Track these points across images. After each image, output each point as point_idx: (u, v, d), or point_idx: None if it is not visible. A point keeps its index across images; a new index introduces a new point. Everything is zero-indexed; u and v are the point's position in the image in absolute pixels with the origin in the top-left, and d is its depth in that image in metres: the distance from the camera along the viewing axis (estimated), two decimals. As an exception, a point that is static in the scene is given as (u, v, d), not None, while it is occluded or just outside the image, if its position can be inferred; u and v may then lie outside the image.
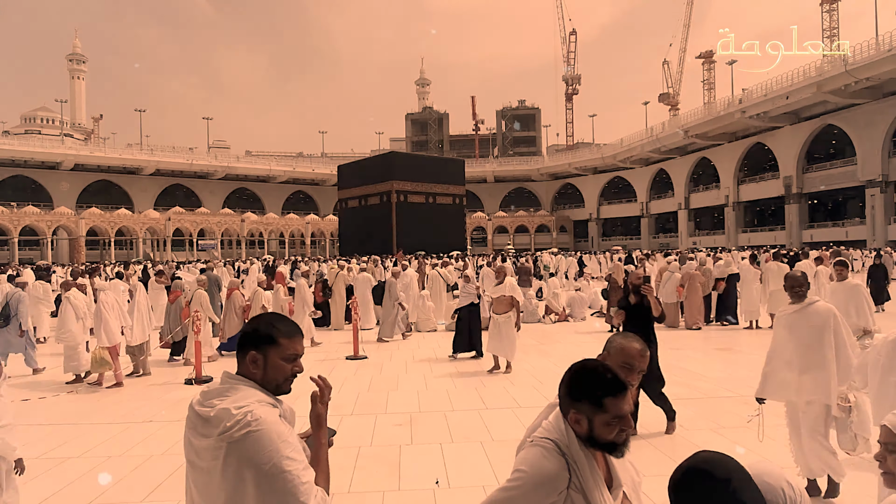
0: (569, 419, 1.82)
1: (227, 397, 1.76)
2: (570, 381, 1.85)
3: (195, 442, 1.76)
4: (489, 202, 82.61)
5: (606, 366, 1.83)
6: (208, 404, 1.77)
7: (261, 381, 1.84)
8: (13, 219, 54.43)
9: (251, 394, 1.78)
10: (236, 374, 1.87)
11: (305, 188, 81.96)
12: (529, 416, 6.73)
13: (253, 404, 1.73)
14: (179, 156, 72.06)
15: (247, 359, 1.86)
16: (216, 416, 1.71)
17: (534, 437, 1.86)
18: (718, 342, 11.93)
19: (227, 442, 1.66)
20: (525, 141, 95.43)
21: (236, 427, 1.67)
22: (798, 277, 4.57)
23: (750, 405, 7.04)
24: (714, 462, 1.57)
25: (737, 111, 51.45)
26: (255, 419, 1.68)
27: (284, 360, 1.87)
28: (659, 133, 63.74)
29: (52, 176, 64.79)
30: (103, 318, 8.62)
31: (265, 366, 1.85)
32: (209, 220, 65.19)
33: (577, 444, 1.78)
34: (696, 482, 1.54)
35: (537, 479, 1.74)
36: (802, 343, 4.37)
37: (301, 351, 1.92)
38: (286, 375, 1.88)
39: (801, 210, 52.28)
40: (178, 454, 5.67)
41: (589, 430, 1.77)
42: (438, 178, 46.57)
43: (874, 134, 43.66)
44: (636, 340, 2.39)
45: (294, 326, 1.94)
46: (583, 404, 1.78)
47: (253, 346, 1.87)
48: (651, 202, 71.34)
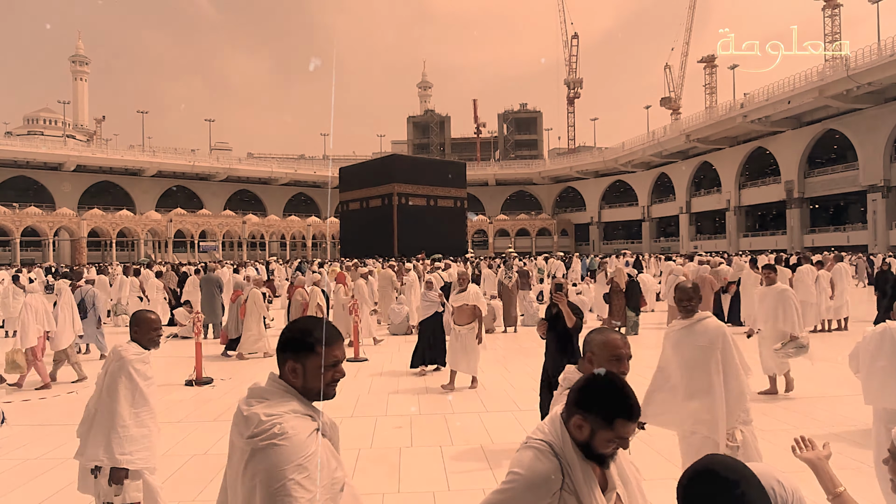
0: (571, 423, 1.79)
1: (265, 401, 1.74)
2: (587, 389, 1.79)
3: (233, 438, 1.77)
4: (490, 205, 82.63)
5: (628, 386, 1.77)
6: (248, 403, 1.77)
7: (301, 390, 1.81)
8: (15, 219, 54.49)
9: (288, 402, 1.75)
10: (279, 377, 1.84)
11: (307, 190, 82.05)
12: (529, 419, 6.74)
13: (286, 415, 1.70)
14: (181, 157, 72.20)
15: (286, 368, 1.83)
16: (248, 418, 1.71)
17: (528, 439, 1.85)
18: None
19: (251, 448, 1.65)
20: (526, 144, 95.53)
21: (261, 436, 1.65)
22: (687, 290, 4.01)
23: (755, 410, 7.04)
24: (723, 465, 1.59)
25: (738, 115, 51.47)
26: (282, 433, 1.65)
27: (324, 368, 1.82)
28: (660, 137, 63.77)
29: (55, 177, 64.90)
30: (23, 320, 8.61)
31: (304, 374, 1.81)
32: (211, 221, 65.25)
33: (572, 446, 1.77)
34: (705, 485, 1.56)
35: (531, 481, 1.73)
36: (687, 364, 3.87)
37: (342, 356, 1.87)
38: (327, 382, 1.84)
39: (802, 215, 52.25)
40: (177, 456, 5.68)
41: (588, 440, 1.75)
42: (440, 181, 46.64)
43: (876, 139, 43.65)
44: (612, 331, 2.42)
45: (333, 331, 1.87)
46: (593, 416, 1.73)
47: (291, 354, 1.83)
48: (652, 206, 71.33)
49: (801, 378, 7.85)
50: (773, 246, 50.49)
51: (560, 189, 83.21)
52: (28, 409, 7.56)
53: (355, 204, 48.29)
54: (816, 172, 51.59)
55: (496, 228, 75.57)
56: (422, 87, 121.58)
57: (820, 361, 8.47)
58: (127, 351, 3.60)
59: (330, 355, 1.83)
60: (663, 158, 65.88)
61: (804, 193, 51.73)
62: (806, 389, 7.72)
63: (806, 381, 7.90)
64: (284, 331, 1.90)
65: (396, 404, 7.59)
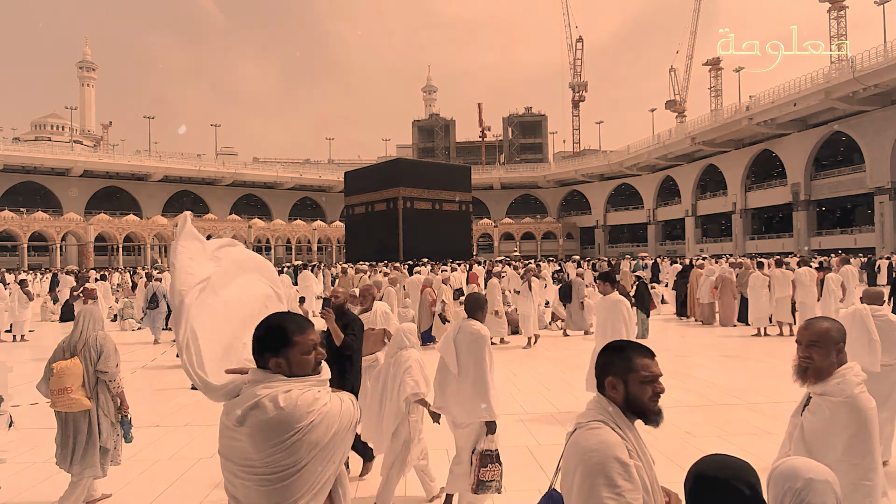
0: (607, 391, 1.91)
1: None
2: (603, 354, 1.98)
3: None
4: (495, 209, 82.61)
5: (631, 340, 2.00)
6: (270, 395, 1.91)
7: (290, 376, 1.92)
8: (23, 224, 54.81)
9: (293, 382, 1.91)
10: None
11: (312, 195, 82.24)
12: (536, 422, 6.72)
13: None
14: (187, 162, 72.47)
15: (270, 364, 1.91)
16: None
17: (579, 425, 1.89)
18: (726, 349, 11.86)
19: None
20: (531, 148, 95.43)
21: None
22: (478, 297, 4.58)
23: (757, 412, 7.02)
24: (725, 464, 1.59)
25: (744, 118, 51.32)
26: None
27: (305, 354, 1.93)
28: (666, 140, 63.64)
29: (62, 182, 65.29)
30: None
31: (289, 365, 1.91)
32: (216, 226, 65.45)
33: (620, 413, 1.87)
34: (710, 484, 1.57)
35: (615, 451, 1.75)
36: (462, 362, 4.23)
37: (317, 339, 1.98)
38: (312, 365, 1.95)
39: (809, 217, 52.02)
40: (184, 458, 5.69)
41: (625, 393, 1.87)
42: (445, 185, 46.60)
43: (883, 141, 43.44)
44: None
45: (303, 320, 1.99)
46: (616, 369, 1.89)
47: (271, 353, 1.92)
48: (658, 209, 71.18)
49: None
50: (779, 249, 50.26)
51: (565, 192, 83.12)
52: (36, 413, 7.58)
53: (360, 208, 48.31)
54: (823, 175, 51.37)
55: (501, 232, 75.50)
56: (427, 92, 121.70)
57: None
58: None
59: (307, 340, 1.94)
60: (669, 161, 65.75)
61: (811, 196, 51.51)
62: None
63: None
64: (256, 330, 1.97)
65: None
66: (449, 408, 4.33)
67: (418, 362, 4.56)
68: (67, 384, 4.35)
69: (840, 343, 2.42)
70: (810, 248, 49.21)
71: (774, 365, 10.07)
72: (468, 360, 4.21)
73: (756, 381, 8.83)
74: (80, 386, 4.42)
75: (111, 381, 4.58)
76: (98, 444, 4.44)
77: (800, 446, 2.33)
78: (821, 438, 2.26)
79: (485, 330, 4.31)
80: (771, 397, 7.75)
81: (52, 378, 4.38)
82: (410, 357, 4.56)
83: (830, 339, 2.42)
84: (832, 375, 2.36)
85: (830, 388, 2.31)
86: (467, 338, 4.24)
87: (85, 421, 4.44)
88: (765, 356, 11.27)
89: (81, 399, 4.39)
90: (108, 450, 4.53)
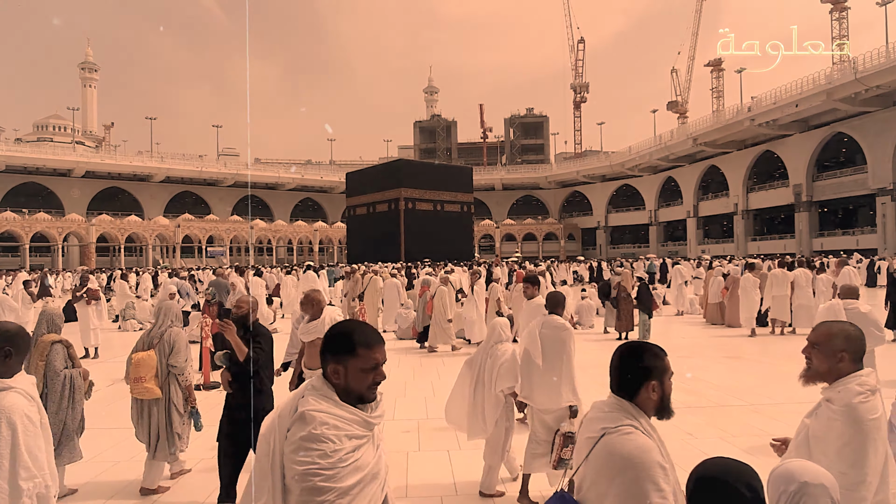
0: (642, 395, 1.97)
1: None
2: (636, 356, 2.04)
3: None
4: (497, 210, 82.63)
5: (648, 342, 2.11)
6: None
7: (343, 391, 1.83)
8: (25, 225, 54.93)
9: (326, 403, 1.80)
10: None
11: (314, 195, 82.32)
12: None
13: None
14: (189, 163, 72.60)
15: (328, 369, 1.86)
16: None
17: (607, 430, 1.91)
18: (727, 350, 11.86)
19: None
20: (533, 149, 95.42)
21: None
22: (558, 295, 4.93)
23: (759, 414, 7.01)
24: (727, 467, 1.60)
25: (746, 119, 51.29)
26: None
27: (364, 371, 1.84)
28: (667, 141, 63.60)
29: (64, 183, 65.42)
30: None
31: (346, 376, 1.83)
32: (218, 227, 65.55)
33: (644, 415, 1.96)
34: (711, 486, 1.58)
35: (655, 456, 1.82)
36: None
37: (382, 359, 1.88)
38: (368, 384, 1.85)
39: (811, 218, 51.98)
40: (186, 459, 5.68)
41: (662, 393, 1.99)
42: (446, 186, 46.66)
43: (885, 142, 43.40)
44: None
45: (374, 335, 1.90)
46: (655, 369, 1.99)
47: (332, 357, 1.86)
48: (659, 210, 71.15)
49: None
50: (781, 250, 50.20)
51: (567, 193, 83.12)
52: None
53: (362, 209, 48.37)
54: (825, 176, 51.33)
55: (503, 233, 75.51)
56: (428, 92, 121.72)
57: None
58: None
59: (370, 358, 1.84)
60: (670, 162, 65.71)
61: (812, 197, 51.47)
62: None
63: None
64: (326, 334, 1.93)
65: (404, 409, 7.58)
66: (534, 396, 4.62)
67: (515, 354, 4.81)
68: (142, 374, 4.76)
69: (845, 351, 2.32)
70: (812, 249, 49.18)
71: (777, 366, 10.06)
72: (553, 352, 4.56)
73: (758, 383, 8.81)
74: (154, 376, 4.82)
75: (180, 375, 4.98)
76: (168, 429, 4.87)
77: (802, 448, 2.31)
78: (818, 443, 2.25)
79: (568, 324, 4.73)
80: (773, 399, 7.74)
81: (130, 367, 4.82)
82: (508, 350, 4.82)
83: (832, 344, 2.34)
84: (838, 382, 2.31)
85: (833, 394, 2.29)
86: (552, 331, 4.63)
87: (157, 408, 4.87)
88: (765, 357, 11.27)
89: (153, 388, 4.79)
90: (180, 435, 4.95)
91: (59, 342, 4.81)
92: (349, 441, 1.74)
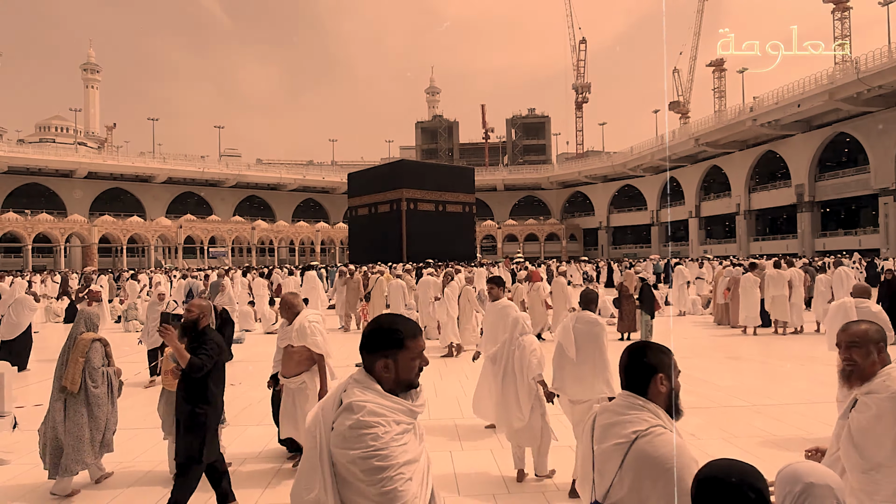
0: (651, 389, 2.04)
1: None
2: (643, 353, 2.12)
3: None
4: (499, 210, 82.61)
5: (652, 342, 2.19)
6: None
7: (392, 382, 1.90)
8: (27, 226, 55.02)
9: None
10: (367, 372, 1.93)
11: (315, 196, 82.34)
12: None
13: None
14: (191, 164, 72.68)
15: (377, 365, 1.90)
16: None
17: (638, 434, 1.95)
18: (732, 350, 11.84)
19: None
20: (535, 149, 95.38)
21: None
22: (591, 292, 5.29)
23: (762, 415, 6.99)
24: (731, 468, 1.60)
25: (748, 119, 51.21)
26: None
27: (412, 360, 1.93)
28: (669, 141, 63.52)
29: (66, 184, 65.51)
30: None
31: (397, 369, 1.91)
32: (220, 227, 65.60)
33: (665, 413, 2.01)
34: (715, 487, 1.58)
35: (690, 452, 1.89)
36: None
37: (423, 346, 1.99)
38: (415, 371, 1.95)
39: (813, 218, 51.88)
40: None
41: (670, 390, 2.04)
42: (448, 187, 46.62)
43: (887, 142, 43.30)
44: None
45: (413, 325, 2.01)
46: (665, 366, 2.06)
47: (381, 352, 1.91)
48: (661, 210, 71.06)
49: (807, 380, 7.77)
50: (783, 250, 50.08)
51: (569, 194, 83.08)
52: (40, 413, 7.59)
53: (364, 209, 48.36)
54: (827, 176, 51.23)
55: (505, 233, 75.49)
56: (430, 93, 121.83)
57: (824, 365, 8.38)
58: None
59: (416, 347, 1.95)
60: (672, 163, 65.62)
61: (815, 197, 51.38)
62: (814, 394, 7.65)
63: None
64: (370, 330, 1.98)
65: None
66: (566, 388, 4.86)
67: (539, 345, 5.25)
68: (172, 366, 4.81)
69: (880, 343, 2.43)
70: (814, 249, 49.09)
71: (779, 366, 10.05)
72: (587, 345, 4.77)
73: (761, 383, 8.80)
74: None
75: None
76: None
77: (848, 446, 2.33)
78: (870, 437, 2.27)
79: (601, 319, 4.98)
80: (776, 399, 7.73)
81: (164, 359, 5.06)
82: (534, 341, 5.25)
83: (870, 339, 2.43)
84: (877, 375, 2.37)
85: (875, 385, 2.33)
86: (585, 326, 4.85)
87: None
88: (767, 357, 11.25)
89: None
90: None
91: (98, 340, 5.13)
92: (397, 426, 1.80)
